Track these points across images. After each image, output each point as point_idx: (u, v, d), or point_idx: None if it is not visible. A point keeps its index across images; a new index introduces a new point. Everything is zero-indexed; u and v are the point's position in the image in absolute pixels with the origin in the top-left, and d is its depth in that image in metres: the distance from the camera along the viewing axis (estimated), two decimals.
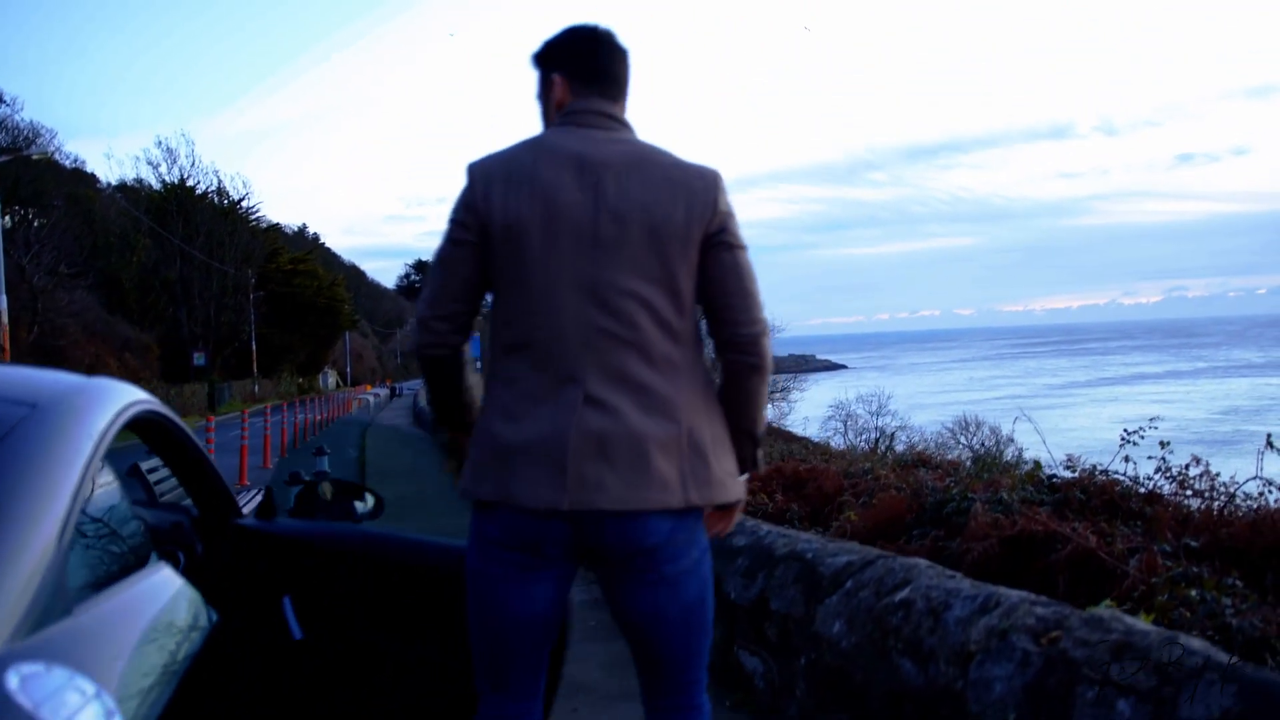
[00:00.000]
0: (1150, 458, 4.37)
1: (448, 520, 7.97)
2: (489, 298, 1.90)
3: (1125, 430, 4.44)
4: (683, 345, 1.82)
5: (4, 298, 20.91)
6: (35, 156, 26.06)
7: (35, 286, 28.39)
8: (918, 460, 9.43)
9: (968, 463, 8.44)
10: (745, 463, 1.93)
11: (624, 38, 1.96)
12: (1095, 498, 4.08)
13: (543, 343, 1.78)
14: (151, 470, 3.55)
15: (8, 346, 21.13)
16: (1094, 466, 4.49)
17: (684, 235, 1.78)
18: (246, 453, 13.51)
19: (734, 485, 1.88)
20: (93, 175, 50.66)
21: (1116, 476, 4.32)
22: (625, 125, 1.91)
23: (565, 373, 1.76)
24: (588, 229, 1.76)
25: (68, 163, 47.48)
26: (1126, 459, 4.30)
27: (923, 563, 2.60)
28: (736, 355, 1.85)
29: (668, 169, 1.83)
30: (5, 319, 21.01)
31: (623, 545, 1.76)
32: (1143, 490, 4.21)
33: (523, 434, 1.75)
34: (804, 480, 7.76)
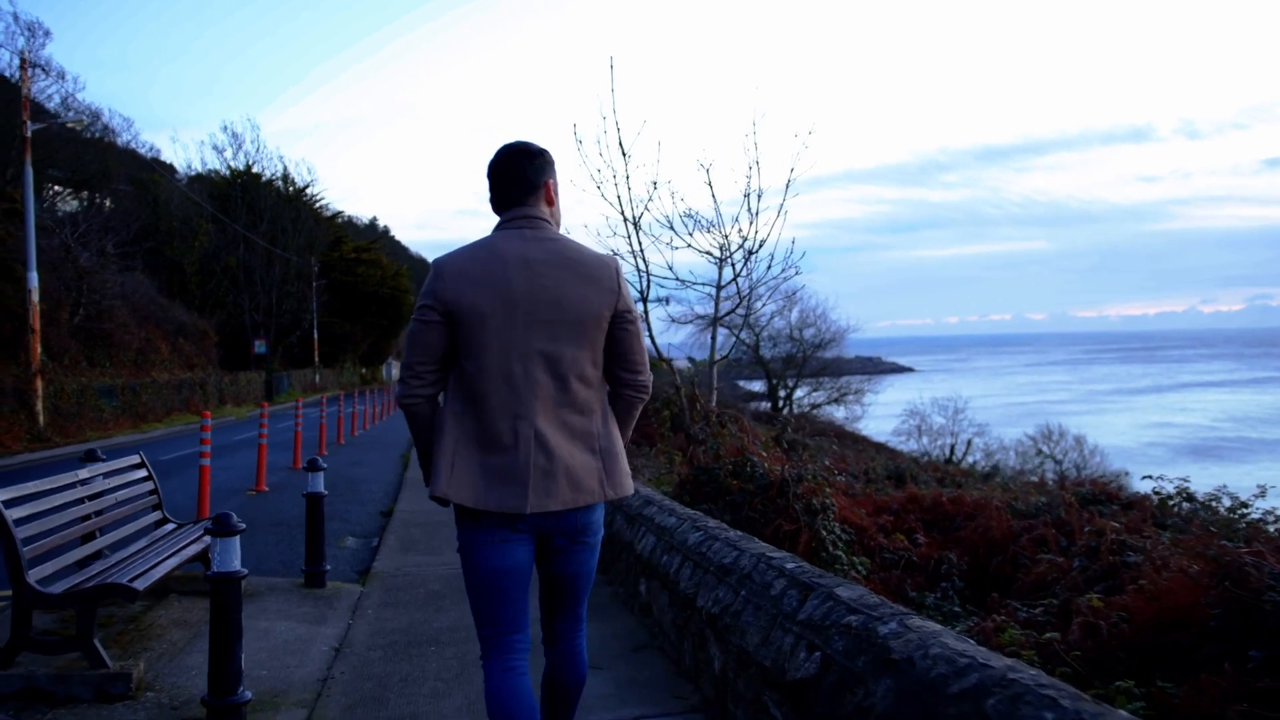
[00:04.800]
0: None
1: None
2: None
3: None
4: (596, 389, 2.84)
5: (34, 274, 19.66)
6: (70, 124, 25.00)
7: (82, 266, 27.39)
8: (1093, 495, 7.44)
9: (1160, 490, 6.55)
10: None
11: (540, 142, 2.90)
12: None
13: (501, 392, 2.71)
14: None
15: (38, 327, 19.91)
16: None
17: (597, 317, 2.77)
18: (265, 453, 11.98)
19: (629, 481, 2.87)
20: (170, 166, 50.10)
21: None
22: (546, 221, 2.83)
23: (520, 414, 2.71)
24: (532, 312, 2.68)
25: (145, 151, 46.99)
26: None
27: None
28: (633, 393, 2.93)
29: (584, 264, 2.77)
30: (36, 296, 19.78)
31: (570, 526, 2.81)
32: None
33: (495, 461, 2.71)
34: (950, 515, 5.85)
